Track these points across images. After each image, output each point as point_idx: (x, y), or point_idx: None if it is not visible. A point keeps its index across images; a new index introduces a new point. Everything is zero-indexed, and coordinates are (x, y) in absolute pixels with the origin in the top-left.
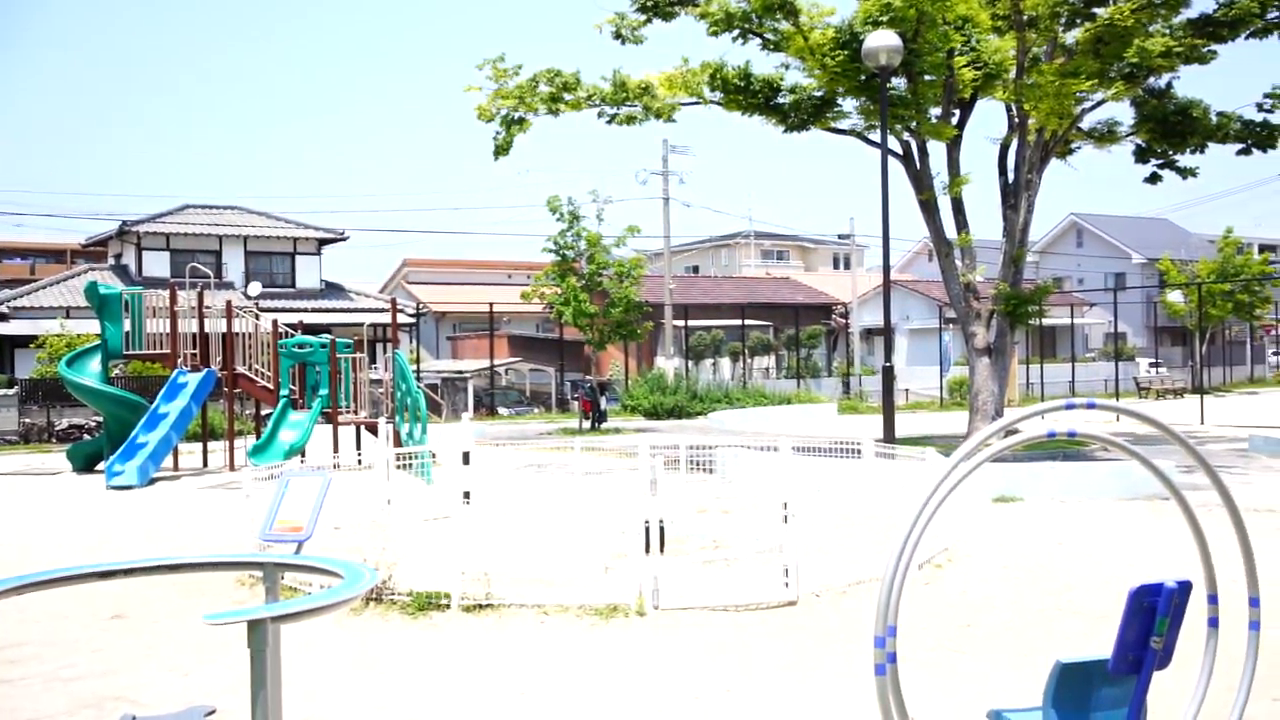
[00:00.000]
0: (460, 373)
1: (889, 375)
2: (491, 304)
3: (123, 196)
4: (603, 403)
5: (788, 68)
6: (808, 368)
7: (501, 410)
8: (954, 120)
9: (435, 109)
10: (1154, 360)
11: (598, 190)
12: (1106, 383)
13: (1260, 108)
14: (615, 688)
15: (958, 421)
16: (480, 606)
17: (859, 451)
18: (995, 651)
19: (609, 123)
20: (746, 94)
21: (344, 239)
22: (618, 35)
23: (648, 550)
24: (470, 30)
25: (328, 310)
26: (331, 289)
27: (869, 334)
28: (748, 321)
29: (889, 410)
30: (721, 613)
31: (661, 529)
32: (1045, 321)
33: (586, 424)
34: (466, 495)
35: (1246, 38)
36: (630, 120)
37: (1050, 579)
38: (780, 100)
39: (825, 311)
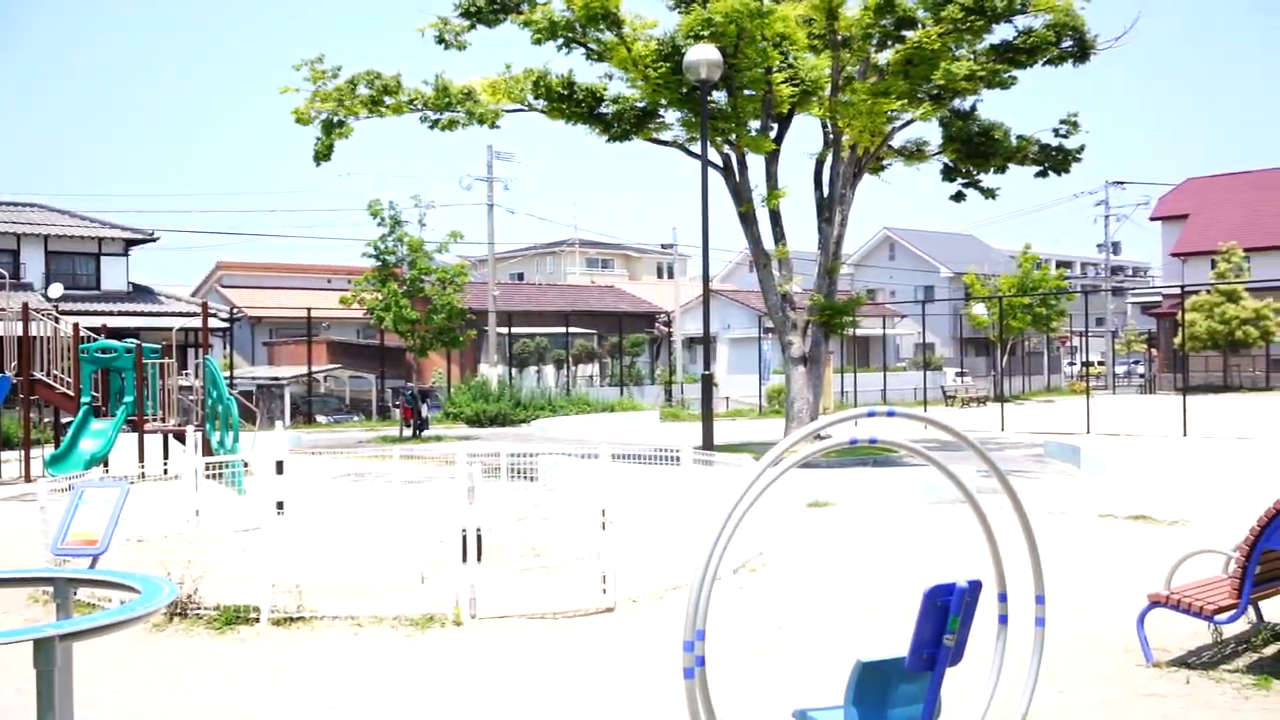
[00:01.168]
0: (277, 379)
1: (708, 383)
2: (310, 309)
3: None
4: (424, 410)
5: (611, 78)
6: (631, 375)
7: (320, 418)
8: (772, 134)
9: (252, 109)
10: (960, 370)
11: (420, 195)
12: (916, 391)
13: (1056, 133)
14: (429, 699)
15: (776, 428)
16: (291, 619)
17: (678, 459)
18: (806, 652)
19: (431, 128)
20: (570, 103)
21: (153, 239)
22: (441, 40)
23: (465, 559)
24: (291, 29)
25: (135, 313)
26: (140, 291)
27: (691, 342)
28: (572, 329)
29: (708, 418)
30: (539, 620)
31: (479, 537)
32: (859, 332)
33: (408, 432)
34: (280, 506)
35: (1044, 64)
36: (453, 125)
37: (860, 581)
38: (604, 110)
39: (649, 320)
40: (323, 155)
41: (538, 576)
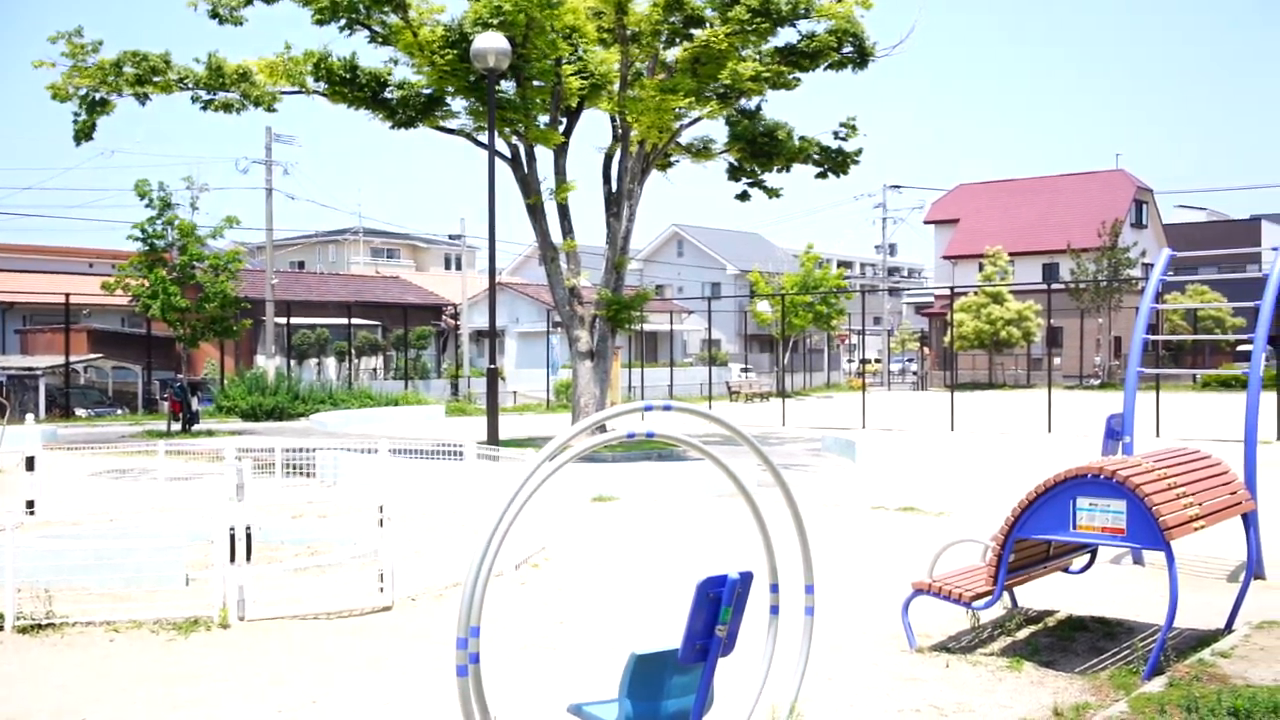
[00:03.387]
0: (31, 370)
1: (493, 377)
2: (69, 295)
3: None
4: (194, 403)
5: (396, 63)
6: (417, 369)
7: (80, 411)
8: (561, 127)
9: (4, 78)
10: (745, 366)
11: (193, 176)
12: (702, 386)
13: (836, 135)
14: (191, 706)
15: (564, 423)
16: (40, 626)
17: (461, 454)
18: (586, 646)
19: (204, 109)
20: (353, 86)
21: None
22: (215, 15)
23: (233, 559)
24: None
25: None
26: None
27: (479, 335)
28: (355, 321)
29: (493, 412)
30: (313, 621)
31: (249, 536)
32: (647, 327)
33: (176, 426)
34: (30, 505)
35: (826, 69)
36: (228, 107)
37: (641, 574)
38: (388, 95)
39: (436, 312)
40: (84, 133)
41: (312, 576)
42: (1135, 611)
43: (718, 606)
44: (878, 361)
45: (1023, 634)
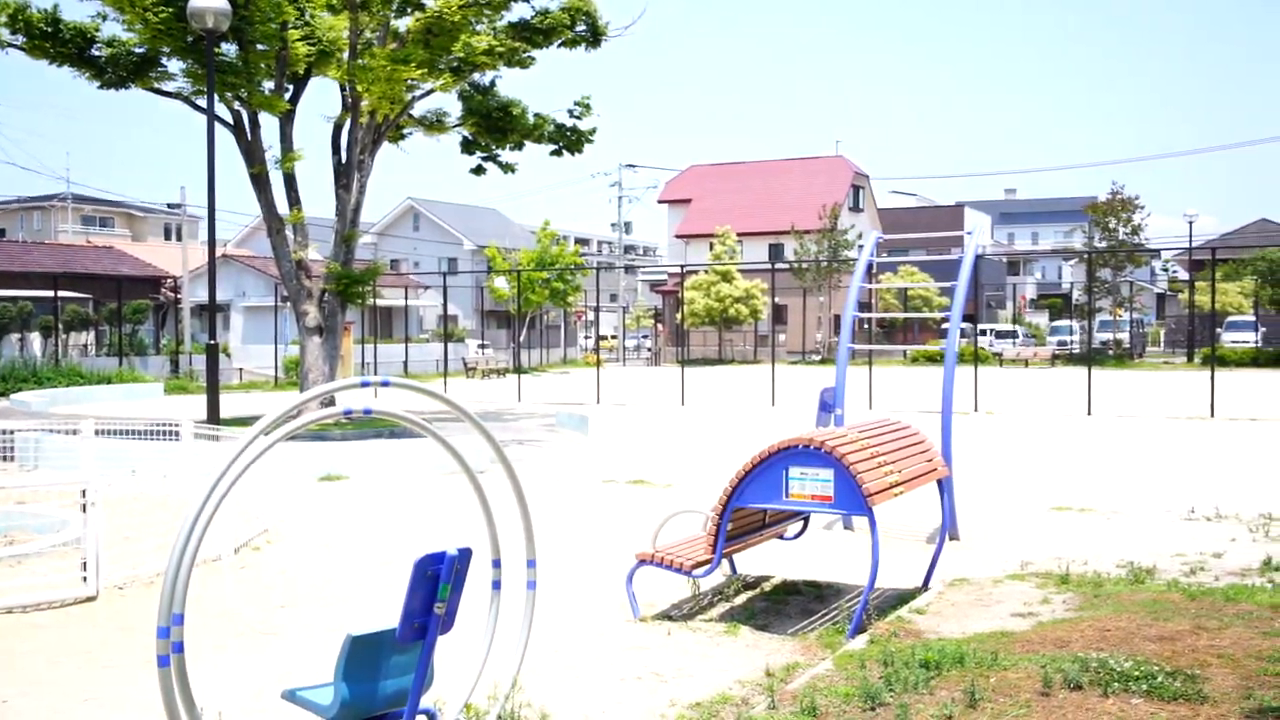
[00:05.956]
0: None
1: (213, 353)
2: None
3: None
4: None
5: (105, 18)
6: (133, 345)
7: None
8: (288, 94)
9: None
10: (482, 342)
11: None
12: (438, 363)
13: (571, 113)
14: None
15: (292, 401)
16: None
17: (178, 433)
18: (307, 630)
19: None
20: (55, 42)
21: None
22: None
23: None
24: None
25: None
26: None
27: (202, 310)
28: (63, 293)
29: (213, 389)
30: (6, 616)
31: None
32: (381, 302)
33: None
34: None
35: (559, 46)
36: None
37: (370, 554)
38: (96, 53)
39: (154, 285)
40: None
41: (8, 567)
42: (844, 574)
43: (436, 584)
44: (614, 338)
45: (741, 600)
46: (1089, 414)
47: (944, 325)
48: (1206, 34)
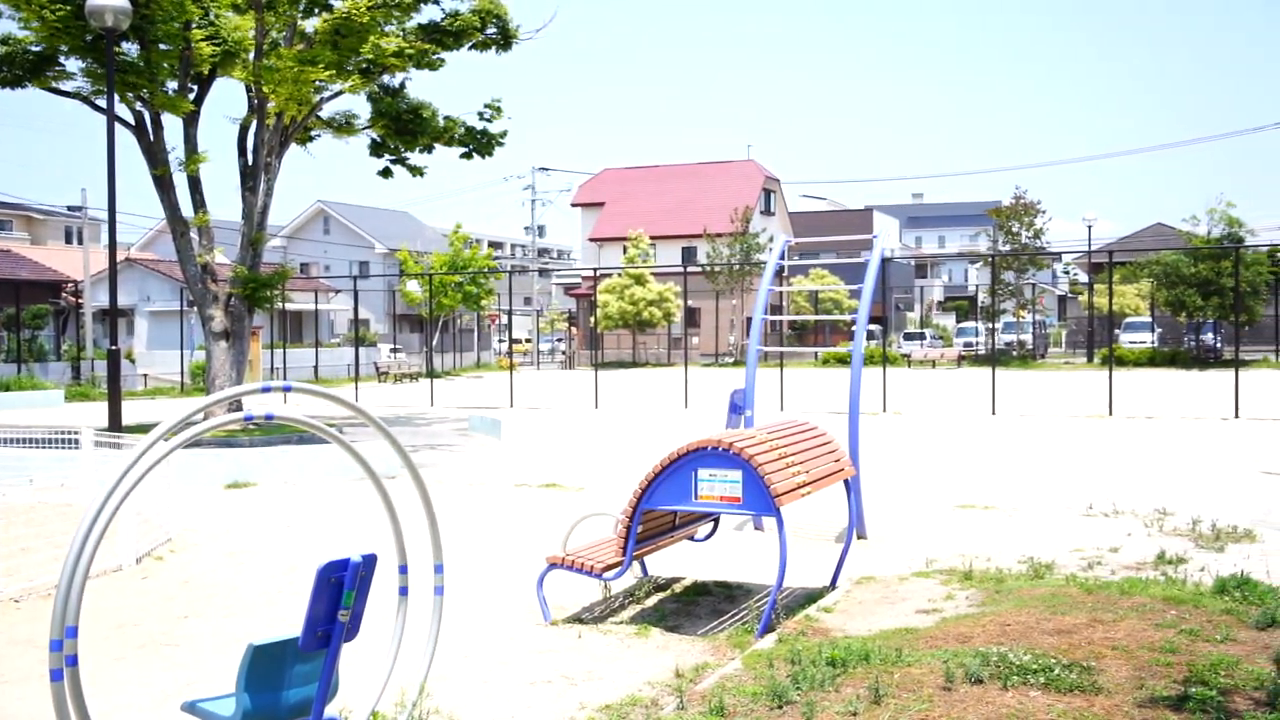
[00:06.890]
0: None
1: (115, 359)
2: None
3: None
4: None
5: (1, 15)
6: (33, 351)
7: None
8: (192, 95)
9: None
10: (394, 346)
11: None
12: (349, 367)
13: (481, 116)
14: None
15: (193, 406)
16: None
17: (77, 441)
18: (212, 640)
19: None
20: None
21: None
22: None
23: None
24: None
25: None
26: None
27: (104, 314)
28: None
29: (114, 396)
30: None
31: None
32: (291, 306)
33: None
34: None
35: (470, 48)
36: None
37: (276, 562)
38: None
39: (55, 289)
40: None
41: None
42: (754, 574)
43: (340, 591)
44: (528, 341)
45: (651, 601)
46: (993, 414)
47: (853, 327)
48: (1104, 43)
